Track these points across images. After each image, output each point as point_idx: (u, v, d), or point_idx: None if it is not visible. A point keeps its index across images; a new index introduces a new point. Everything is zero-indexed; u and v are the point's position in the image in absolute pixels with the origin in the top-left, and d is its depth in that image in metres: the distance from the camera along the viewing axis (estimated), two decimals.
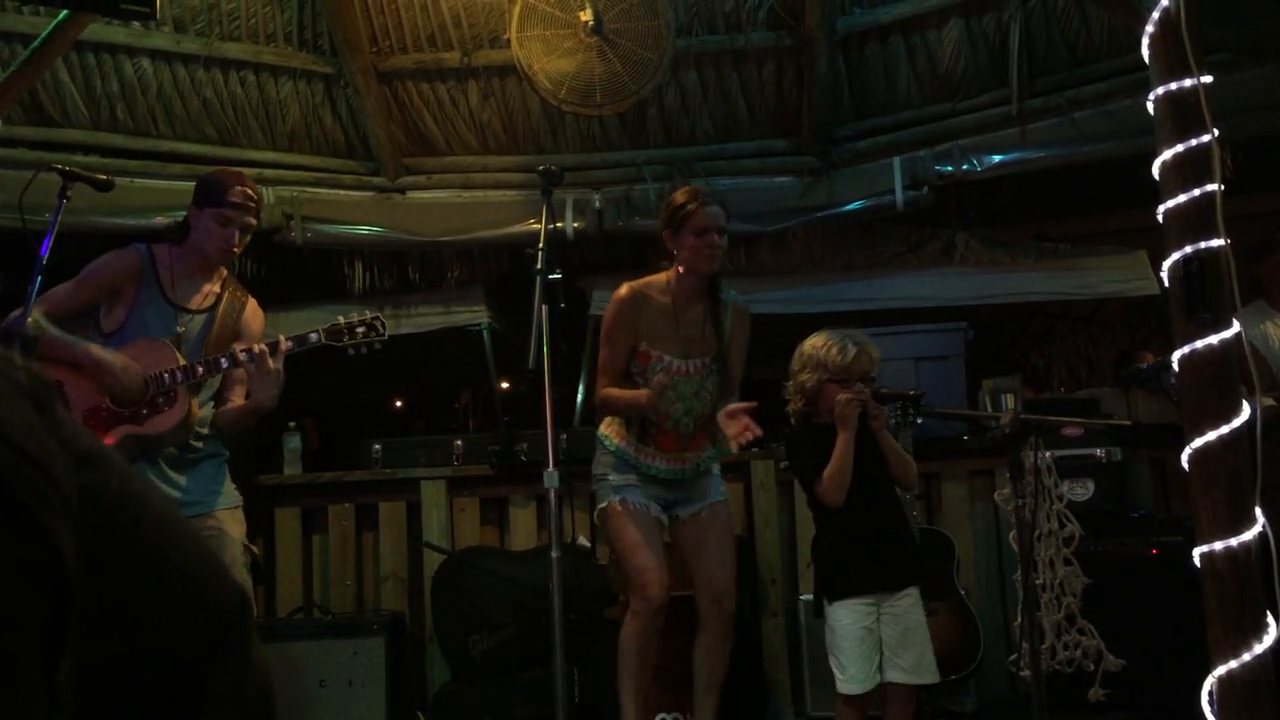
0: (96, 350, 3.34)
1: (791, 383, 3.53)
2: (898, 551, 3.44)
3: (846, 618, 3.33)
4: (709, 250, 3.65)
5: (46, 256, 3.27)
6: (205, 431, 3.51)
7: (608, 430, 3.82)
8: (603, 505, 3.76)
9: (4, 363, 0.61)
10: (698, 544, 3.78)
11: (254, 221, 3.54)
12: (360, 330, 3.52)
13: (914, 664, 3.32)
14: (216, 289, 3.55)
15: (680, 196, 3.74)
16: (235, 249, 3.50)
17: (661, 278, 3.78)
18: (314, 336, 3.45)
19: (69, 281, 3.45)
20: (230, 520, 3.50)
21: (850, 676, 3.30)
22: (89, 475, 0.66)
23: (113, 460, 0.71)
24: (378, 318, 3.57)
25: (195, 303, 3.51)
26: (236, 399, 3.56)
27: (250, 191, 3.50)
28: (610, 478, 3.74)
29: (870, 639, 3.31)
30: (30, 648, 0.56)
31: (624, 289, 3.71)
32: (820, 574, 3.51)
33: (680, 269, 3.72)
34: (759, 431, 3.50)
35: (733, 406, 3.59)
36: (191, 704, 0.73)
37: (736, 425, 3.55)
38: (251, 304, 3.66)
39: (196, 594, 0.76)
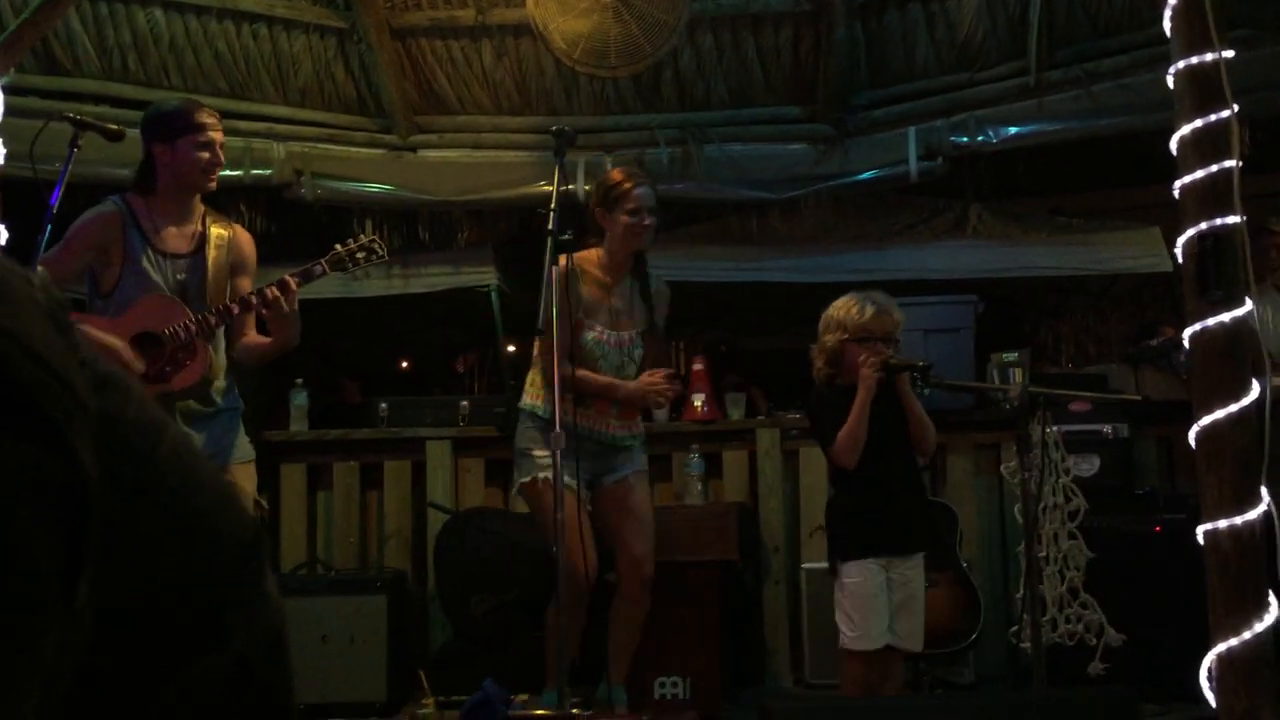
0: (97, 336, 3.23)
1: (816, 345, 3.55)
2: (911, 515, 3.46)
3: (860, 574, 3.35)
4: (640, 229, 3.80)
5: (56, 206, 3.27)
6: (223, 383, 3.51)
7: (538, 401, 3.85)
8: (526, 480, 3.81)
9: (23, 282, 0.61)
10: (619, 510, 3.88)
11: (223, 140, 3.56)
12: (360, 255, 3.55)
13: (910, 631, 3.36)
14: (198, 227, 3.53)
15: (616, 175, 3.90)
16: (219, 170, 3.51)
17: (593, 254, 3.89)
18: (318, 268, 3.46)
19: (55, 248, 3.39)
20: (243, 475, 3.51)
21: (861, 632, 3.32)
22: (107, 398, 0.66)
23: (130, 385, 0.71)
24: (375, 240, 3.59)
25: (183, 247, 3.50)
26: (251, 330, 3.57)
27: (209, 110, 3.53)
28: (535, 453, 3.76)
29: (883, 596, 3.34)
30: (50, 562, 0.56)
31: (561, 260, 3.71)
32: (834, 532, 3.52)
33: (611, 246, 3.86)
34: (673, 390, 3.93)
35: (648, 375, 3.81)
36: (205, 633, 0.73)
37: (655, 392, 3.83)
38: (239, 232, 3.66)
39: (212, 522, 0.76)
